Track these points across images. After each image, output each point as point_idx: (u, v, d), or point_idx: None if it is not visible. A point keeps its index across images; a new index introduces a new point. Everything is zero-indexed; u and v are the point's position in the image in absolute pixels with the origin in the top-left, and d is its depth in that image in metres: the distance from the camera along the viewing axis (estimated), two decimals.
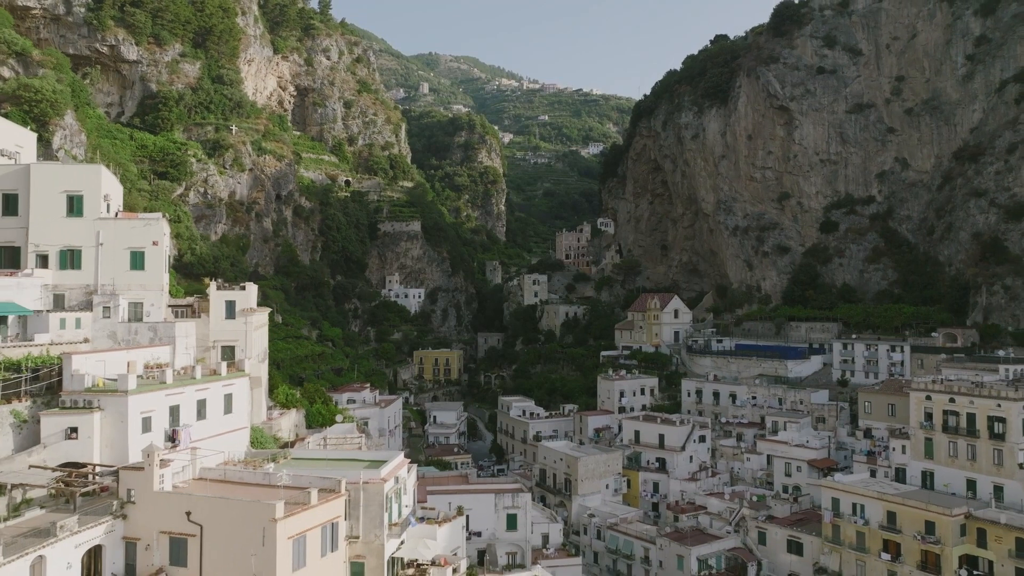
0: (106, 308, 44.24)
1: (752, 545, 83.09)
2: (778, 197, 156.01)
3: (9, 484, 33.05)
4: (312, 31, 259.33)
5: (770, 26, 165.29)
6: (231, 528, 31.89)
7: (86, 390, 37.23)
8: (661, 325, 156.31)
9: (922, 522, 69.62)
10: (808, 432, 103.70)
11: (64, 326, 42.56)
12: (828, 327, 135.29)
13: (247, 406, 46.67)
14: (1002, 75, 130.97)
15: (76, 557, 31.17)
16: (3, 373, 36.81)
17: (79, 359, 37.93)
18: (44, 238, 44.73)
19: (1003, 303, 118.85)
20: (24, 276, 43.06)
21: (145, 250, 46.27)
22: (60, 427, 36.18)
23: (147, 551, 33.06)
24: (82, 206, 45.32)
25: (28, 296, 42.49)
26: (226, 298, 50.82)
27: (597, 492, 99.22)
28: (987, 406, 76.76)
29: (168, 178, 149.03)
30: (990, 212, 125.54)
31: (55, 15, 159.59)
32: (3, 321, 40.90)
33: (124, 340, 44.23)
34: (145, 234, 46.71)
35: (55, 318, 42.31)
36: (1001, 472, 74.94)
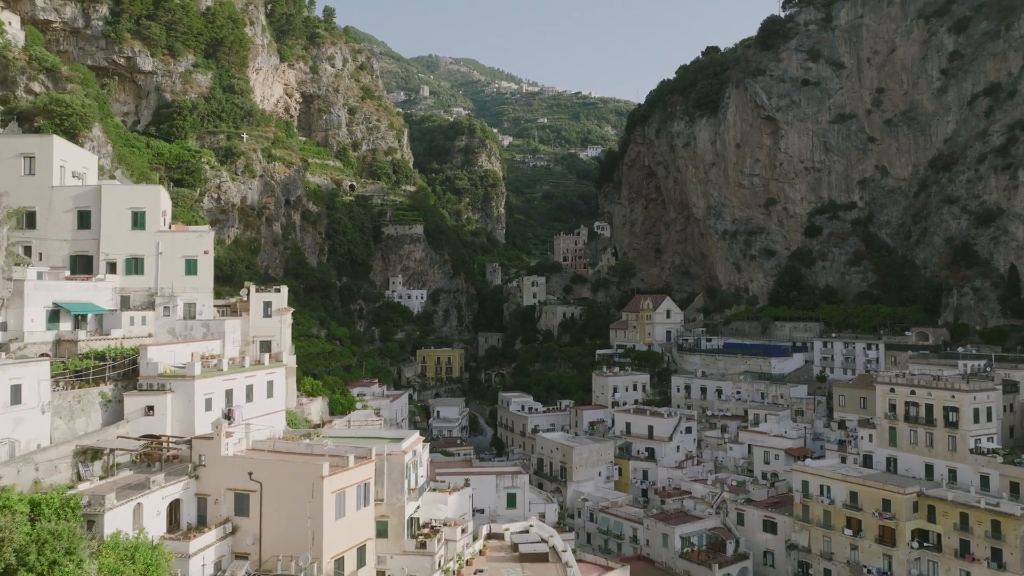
0: (166, 308, 52.03)
1: (731, 525, 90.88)
2: (765, 203, 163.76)
3: (107, 449, 40.81)
4: (317, 39, 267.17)
5: (758, 39, 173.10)
6: (286, 484, 39.63)
7: (159, 375, 44.98)
8: (654, 325, 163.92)
9: (880, 500, 77.44)
10: (787, 424, 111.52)
11: (132, 323, 50.28)
12: (811, 326, 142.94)
13: (284, 392, 54.46)
14: (973, 89, 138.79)
15: (163, 507, 38.91)
16: (92, 361, 44.60)
17: (153, 350, 45.69)
18: (113, 248, 52.47)
19: (972, 304, 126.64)
20: (98, 281, 50.76)
21: (197, 258, 54.04)
22: (140, 405, 43.95)
23: (215, 504, 40.79)
24: (144, 221, 53.07)
25: (102, 297, 50.22)
26: (263, 299, 58.67)
27: (590, 479, 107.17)
28: (943, 397, 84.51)
29: (184, 185, 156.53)
30: (962, 218, 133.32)
31: (75, 28, 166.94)
32: (84, 319, 48.61)
33: (181, 335, 51.95)
34: (197, 244, 54.51)
35: (126, 316, 50.03)
36: (955, 457, 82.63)
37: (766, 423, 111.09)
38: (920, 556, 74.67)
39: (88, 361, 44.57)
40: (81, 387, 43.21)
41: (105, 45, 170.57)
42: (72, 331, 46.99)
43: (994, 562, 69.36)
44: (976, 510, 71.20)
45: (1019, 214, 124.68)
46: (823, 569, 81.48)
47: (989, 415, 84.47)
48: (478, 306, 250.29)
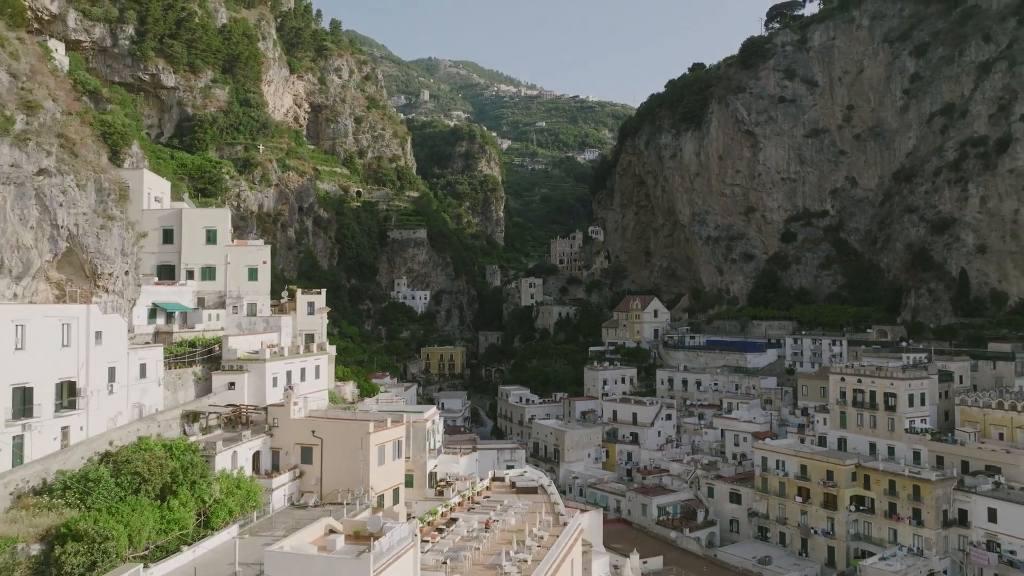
0: (235, 307, 65.13)
1: (702, 497, 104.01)
2: (745, 211, 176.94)
3: (203, 413, 53.91)
4: (325, 51, 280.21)
5: (739, 59, 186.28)
6: (340, 439, 52.65)
7: (237, 359, 58.09)
8: (642, 324, 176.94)
9: (825, 472, 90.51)
10: (756, 411, 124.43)
11: (209, 319, 63.33)
12: (784, 325, 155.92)
13: (327, 375, 67.59)
14: (931, 108, 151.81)
15: (249, 456, 51.95)
16: (186, 348, 57.71)
17: (232, 340, 58.77)
18: (191, 259, 65.53)
19: (927, 304, 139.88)
20: (181, 285, 63.79)
21: (257, 267, 67.14)
22: (224, 382, 57.03)
23: (286, 455, 53.83)
24: (216, 237, 66.15)
25: (186, 298, 63.25)
26: (308, 300, 71.88)
27: (581, 460, 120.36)
28: (884, 385, 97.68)
29: (207, 194, 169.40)
30: (920, 226, 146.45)
31: (103, 47, 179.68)
32: (172, 315, 61.63)
33: (247, 329, 64.98)
34: (256, 256, 67.62)
35: (204, 313, 63.08)
36: (893, 436, 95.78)
37: (738, 411, 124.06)
38: (857, 518, 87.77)
39: (184, 348, 57.69)
40: (180, 367, 56.33)
41: (131, 63, 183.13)
42: (166, 325, 60.11)
43: (915, 520, 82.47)
44: (901, 477, 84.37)
45: (969, 223, 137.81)
46: (779, 532, 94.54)
47: (923, 400, 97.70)
48: (478, 306, 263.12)
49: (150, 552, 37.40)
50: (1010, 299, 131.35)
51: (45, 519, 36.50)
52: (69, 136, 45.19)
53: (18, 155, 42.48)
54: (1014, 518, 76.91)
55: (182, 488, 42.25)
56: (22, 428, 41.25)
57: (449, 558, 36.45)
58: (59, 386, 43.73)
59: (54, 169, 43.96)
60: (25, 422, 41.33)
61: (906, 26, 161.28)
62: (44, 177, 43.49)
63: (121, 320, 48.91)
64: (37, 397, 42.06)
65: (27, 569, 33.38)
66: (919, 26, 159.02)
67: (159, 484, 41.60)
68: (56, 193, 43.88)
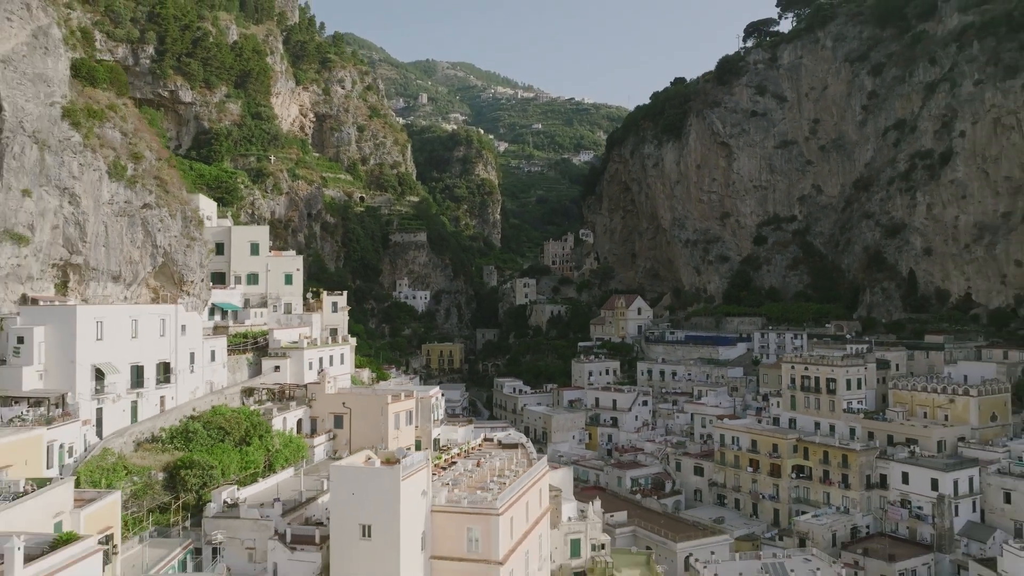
0: (275, 306, 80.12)
1: (671, 471, 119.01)
2: (720, 216, 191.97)
3: (256, 389, 68.86)
4: (329, 64, 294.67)
5: (715, 75, 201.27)
6: (365, 409, 67.53)
7: (282, 347, 73.06)
8: (627, 321, 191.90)
9: (771, 445, 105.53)
10: (723, 397, 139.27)
11: (254, 316, 78.30)
12: (755, 321, 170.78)
13: (349, 362, 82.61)
14: (886, 123, 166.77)
15: (294, 421, 66.89)
16: (241, 339, 72.68)
17: (276, 332, 73.77)
18: (239, 267, 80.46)
19: (881, 301, 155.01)
20: (231, 289, 78.76)
21: (292, 273, 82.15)
22: (271, 365, 72.02)
23: (322, 422, 68.78)
24: (258, 249, 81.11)
25: (236, 299, 78.15)
26: (332, 300, 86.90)
27: (566, 441, 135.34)
28: (826, 372, 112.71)
29: (224, 203, 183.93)
30: (875, 230, 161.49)
31: (126, 66, 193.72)
32: (226, 313, 76.53)
33: (284, 324, 79.90)
34: (291, 264, 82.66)
35: (251, 311, 78.00)
36: (833, 415, 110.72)
37: (706, 397, 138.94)
38: (798, 484, 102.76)
39: (238, 339, 72.66)
40: (236, 354, 71.27)
41: (152, 80, 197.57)
42: (222, 321, 75.05)
43: (843, 484, 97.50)
44: (833, 448, 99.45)
45: (917, 228, 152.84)
46: (734, 498, 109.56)
47: (859, 384, 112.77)
48: (476, 305, 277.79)
49: (237, 480, 52.35)
50: (952, 296, 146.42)
51: (163, 457, 51.58)
52: (162, 177, 60.17)
53: (129, 194, 57.48)
54: (921, 480, 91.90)
55: (254, 440, 57.30)
56: (136, 396, 56.25)
57: (451, 481, 51.37)
58: (158, 366, 58.69)
59: (153, 203, 58.96)
60: (138, 391, 56.33)
61: (865, 47, 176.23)
62: (147, 209, 58.49)
63: (198, 317, 63.91)
64: (146, 373, 57.03)
65: (158, 486, 48.34)
66: (876, 48, 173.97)
67: (237, 436, 56.62)
68: (155, 221, 58.87)
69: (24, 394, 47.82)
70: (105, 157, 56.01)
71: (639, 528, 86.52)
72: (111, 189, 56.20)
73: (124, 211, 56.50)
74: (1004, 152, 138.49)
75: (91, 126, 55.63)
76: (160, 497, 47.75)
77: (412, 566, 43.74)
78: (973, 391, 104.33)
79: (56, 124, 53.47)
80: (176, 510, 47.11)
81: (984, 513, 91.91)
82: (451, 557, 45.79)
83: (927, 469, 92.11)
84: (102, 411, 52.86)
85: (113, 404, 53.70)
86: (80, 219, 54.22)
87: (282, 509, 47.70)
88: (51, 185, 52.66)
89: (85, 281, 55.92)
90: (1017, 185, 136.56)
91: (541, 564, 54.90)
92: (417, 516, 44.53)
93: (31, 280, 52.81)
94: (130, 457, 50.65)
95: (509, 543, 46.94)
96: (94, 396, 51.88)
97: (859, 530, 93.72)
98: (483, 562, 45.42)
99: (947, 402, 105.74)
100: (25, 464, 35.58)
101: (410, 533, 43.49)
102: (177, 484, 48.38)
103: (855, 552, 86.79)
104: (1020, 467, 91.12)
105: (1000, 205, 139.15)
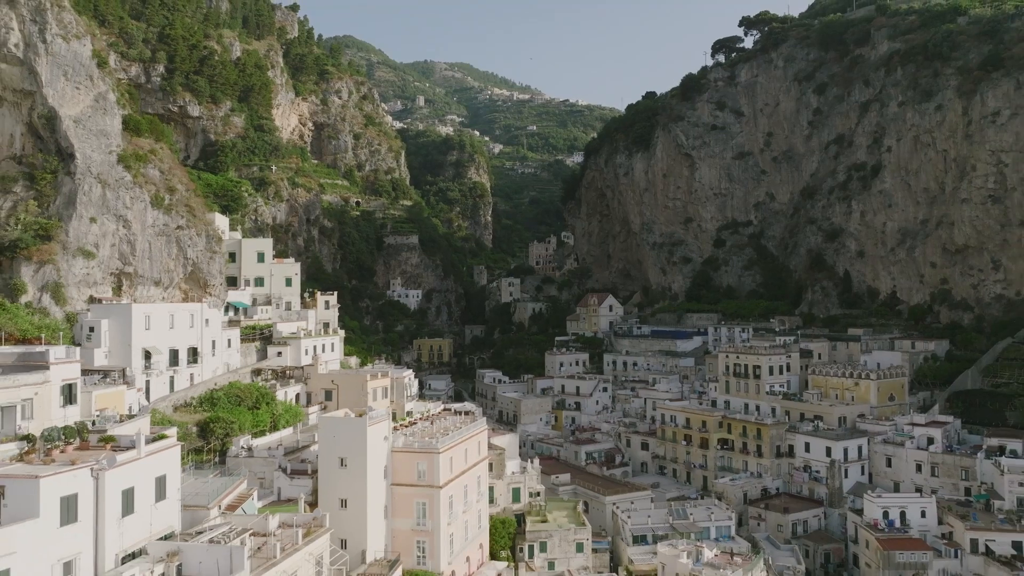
0: (278, 304, 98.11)
1: (622, 446, 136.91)
2: (684, 220, 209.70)
3: (263, 370, 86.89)
4: (327, 75, 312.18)
5: (679, 92, 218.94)
6: (349, 385, 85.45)
7: (283, 337, 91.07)
8: (599, 317, 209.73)
9: (701, 421, 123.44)
10: (675, 384, 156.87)
11: (261, 312, 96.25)
12: (711, 316, 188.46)
13: (339, 350, 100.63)
14: (828, 137, 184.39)
15: (293, 394, 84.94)
16: (250, 330, 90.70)
17: (279, 325, 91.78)
18: (248, 272, 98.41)
19: (820, 298, 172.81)
20: (242, 291, 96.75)
21: (291, 277, 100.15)
22: (275, 352, 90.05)
23: (315, 395, 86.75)
24: (264, 257, 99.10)
25: (245, 299, 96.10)
26: (325, 299, 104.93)
27: (534, 423, 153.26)
28: (753, 360, 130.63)
29: (230, 210, 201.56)
30: (817, 235, 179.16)
31: (139, 83, 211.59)
32: (238, 310, 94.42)
33: (285, 319, 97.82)
34: (290, 270, 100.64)
35: (258, 308, 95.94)
36: (758, 397, 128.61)
37: (660, 384, 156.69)
38: (723, 454, 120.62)
39: (248, 331, 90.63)
40: (247, 342, 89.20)
41: (162, 96, 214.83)
42: (235, 316, 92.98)
43: (758, 453, 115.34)
44: (750, 423, 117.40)
45: (852, 233, 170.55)
46: (672, 468, 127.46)
47: (781, 371, 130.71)
48: (465, 303, 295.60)
49: (251, 433, 70.27)
50: (881, 294, 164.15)
51: (195, 416, 69.58)
52: (191, 204, 78.17)
53: (166, 218, 75.43)
54: (819, 448, 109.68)
55: (263, 406, 75.29)
56: (173, 372, 74.24)
57: (410, 433, 69.32)
58: (189, 350, 76.62)
59: (184, 225, 76.93)
60: (174, 369, 74.33)
61: (811, 68, 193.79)
62: (179, 230, 76.47)
63: (218, 313, 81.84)
64: (180, 356, 75.00)
65: (193, 435, 66.29)
66: (820, 69, 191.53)
67: (250, 402, 74.61)
68: (186, 239, 76.84)
69: (96, 368, 65.70)
70: (148, 191, 73.95)
71: (578, 486, 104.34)
72: (153, 215, 74.14)
73: (163, 232, 74.44)
74: (922, 166, 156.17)
75: (138, 167, 73.54)
76: (195, 443, 65.71)
77: (377, 489, 61.73)
78: (873, 376, 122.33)
79: (113, 167, 71.39)
80: (208, 451, 65.11)
81: (871, 476, 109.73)
82: (406, 483, 63.80)
83: (823, 439, 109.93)
84: (149, 382, 70.85)
85: (156, 378, 71.72)
86: (131, 239, 72.17)
87: (284, 452, 65.73)
88: (110, 214, 70.61)
89: (134, 285, 73.86)
90: (933, 196, 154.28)
91: (480, 497, 72.86)
92: (380, 454, 62.53)
93: (96, 285, 70.74)
94: (171, 415, 68.62)
95: (448, 475, 64.97)
96: (144, 371, 69.85)
97: (768, 491, 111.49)
98: (428, 487, 63.43)
99: (853, 385, 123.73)
100: (114, 409, 53.16)
101: (375, 465, 61.47)
102: (207, 434, 66.34)
103: (759, 507, 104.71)
104: (900, 437, 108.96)
105: (919, 213, 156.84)
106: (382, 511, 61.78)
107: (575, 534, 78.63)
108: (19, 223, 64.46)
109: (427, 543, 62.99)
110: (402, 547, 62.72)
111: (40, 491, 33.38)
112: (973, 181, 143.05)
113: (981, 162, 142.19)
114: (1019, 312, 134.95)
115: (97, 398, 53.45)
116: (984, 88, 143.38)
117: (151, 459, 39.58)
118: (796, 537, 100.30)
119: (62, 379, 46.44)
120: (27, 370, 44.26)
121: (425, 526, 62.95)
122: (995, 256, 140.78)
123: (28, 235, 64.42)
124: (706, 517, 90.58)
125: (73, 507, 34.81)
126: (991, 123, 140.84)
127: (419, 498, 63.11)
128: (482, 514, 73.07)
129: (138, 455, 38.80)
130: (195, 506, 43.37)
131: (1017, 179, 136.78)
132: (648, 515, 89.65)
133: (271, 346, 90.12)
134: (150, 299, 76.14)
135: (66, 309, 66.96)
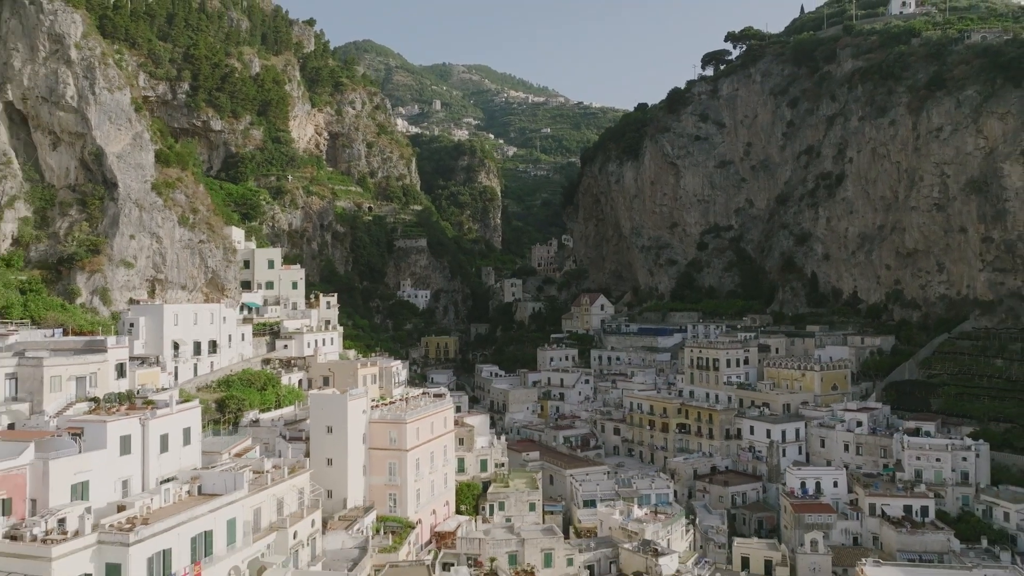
0: (285, 304, 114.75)
1: (597, 432, 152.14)
2: (670, 225, 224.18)
3: (272, 360, 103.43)
4: (341, 87, 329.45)
5: (665, 104, 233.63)
6: (344, 372, 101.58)
7: (289, 332, 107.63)
8: (591, 315, 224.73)
9: (663, 408, 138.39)
10: (650, 377, 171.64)
11: (271, 311, 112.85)
12: (692, 315, 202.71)
13: (339, 343, 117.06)
14: (799, 148, 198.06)
15: (296, 380, 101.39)
16: (262, 326, 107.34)
17: (286, 322, 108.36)
18: (260, 277, 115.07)
19: (790, 298, 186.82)
20: (255, 293, 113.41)
21: (297, 281, 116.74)
22: (282, 344, 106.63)
23: (315, 381, 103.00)
24: (275, 264, 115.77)
25: (258, 299, 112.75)
26: (326, 300, 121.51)
27: (521, 412, 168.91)
28: (714, 353, 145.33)
29: (249, 218, 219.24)
30: (789, 239, 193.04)
31: (165, 100, 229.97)
32: (251, 309, 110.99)
33: (291, 317, 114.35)
34: (296, 275, 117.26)
35: (268, 308, 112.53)
36: (717, 387, 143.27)
37: (637, 376, 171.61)
38: (681, 437, 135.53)
39: (260, 327, 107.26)
40: (258, 337, 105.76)
41: (187, 112, 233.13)
42: (249, 314, 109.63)
43: (710, 436, 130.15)
44: (704, 409, 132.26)
45: (819, 237, 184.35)
46: (638, 451, 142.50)
47: (739, 363, 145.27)
48: (472, 303, 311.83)
49: (260, 409, 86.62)
50: (844, 294, 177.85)
51: (214, 395, 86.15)
52: (211, 222, 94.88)
53: (191, 235, 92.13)
54: (761, 431, 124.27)
55: (270, 388, 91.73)
56: (196, 360, 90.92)
57: (387, 409, 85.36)
58: (209, 342, 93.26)
59: (206, 239, 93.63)
60: (197, 358, 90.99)
61: (785, 83, 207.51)
62: (202, 243, 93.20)
63: (234, 312, 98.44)
64: (202, 347, 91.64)
65: (212, 409, 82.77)
66: (793, 84, 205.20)
67: (259, 385, 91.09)
68: (207, 251, 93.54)
69: (136, 356, 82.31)
70: (176, 212, 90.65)
71: (545, 462, 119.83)
72: (180, 232, 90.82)
73: (188, 246, 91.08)
74: (879, 176, 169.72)
75: (168, 193, 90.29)
76: (213, 415, 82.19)
77: (356, 451, 77.83)
78: (817, 368, 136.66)
79: (148, 193, 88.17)
80: (223, 423, 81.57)
81: (808, 455, 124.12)
82: (380, 448, 79.85)
83: (765, 423, 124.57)
84: (177, 368, 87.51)
85: (183, 364, 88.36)
86: (162, 252, 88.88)
87: (284, 423, 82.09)
88: (146, 232, 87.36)
89: (165, 290, 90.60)
90: (888, 203, 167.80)
91: (446, 463, 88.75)
92: (359, 424, 78.64)
93: (134, 289, 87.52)
94: (194, 394, 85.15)
95: (415, 441, 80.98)
96: (173, 359, 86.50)
97: (717, 468, 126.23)
98: (398, 450, 79.46)
99: (800, 376, 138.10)
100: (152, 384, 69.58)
101: (355, 432, 77.59)
102: (224, 408, 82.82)
103: (704, 481, 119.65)
104: (833, 421, 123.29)
105: (877, 219, 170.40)
106: (361, 469, 77.92)
107: (528, 496, 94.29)
108: (74, 240, 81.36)
109: (397, 495, 79.05)
110: (377, 498, 78.78)
111: (107, 431, 49.68)
112: (921, 190, 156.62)
113: (927, 173, 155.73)
114: (959, 310, 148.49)
115: (139, 376, 70.01)
116: (930, 106, 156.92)
117: (180, 415, 55.90)
118: (736, 507, 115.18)
119: (116, 360, 62.91)
120: (92, 352, 60.80)
121: (395, 482, 78.98)
122: (939, 259, 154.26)
123: (82, 250, 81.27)
124: (648, 486, 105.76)
125: (128, 444, 51.11)
126: (935, 138, 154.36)
127: (390, 459, 79.16)
128: (448, 477, 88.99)
129: (171, 411, 55.11)
130: (212, 451, 59.64)
131: (957, 189, 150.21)
132: (597, 484, 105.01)
133: (279, 340, 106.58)
134: (178, 301, 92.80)
135: (111, 309, 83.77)
